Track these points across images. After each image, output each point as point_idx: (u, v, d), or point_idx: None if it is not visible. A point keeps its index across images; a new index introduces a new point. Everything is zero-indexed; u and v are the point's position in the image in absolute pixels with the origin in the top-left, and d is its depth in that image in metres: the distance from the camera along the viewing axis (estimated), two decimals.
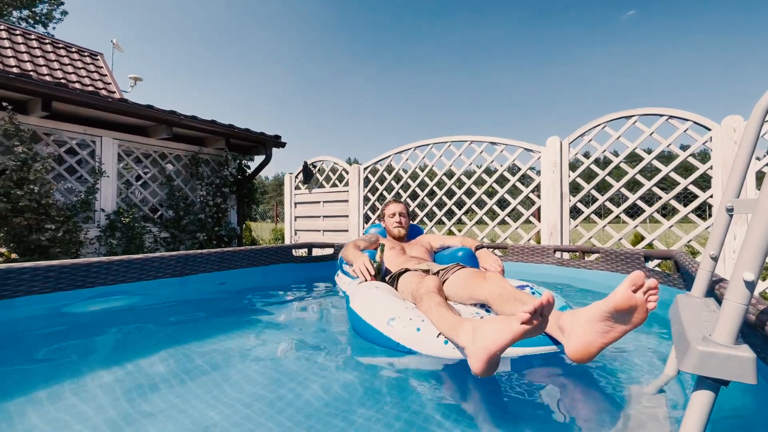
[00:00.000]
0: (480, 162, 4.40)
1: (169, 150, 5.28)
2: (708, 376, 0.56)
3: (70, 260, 1.97)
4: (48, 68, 8.14)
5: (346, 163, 5.53)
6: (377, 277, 2.04)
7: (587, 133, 3.65)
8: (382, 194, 5.10)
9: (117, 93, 8.99)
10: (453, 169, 4.58)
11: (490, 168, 4.30)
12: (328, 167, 5.69)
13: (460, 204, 4.54)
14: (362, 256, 2.09)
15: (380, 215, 3.10)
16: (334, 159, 5.57)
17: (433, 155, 4.64)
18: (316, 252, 3.67)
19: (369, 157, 5.78)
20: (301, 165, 6.07)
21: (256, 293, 2.67)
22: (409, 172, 4.82)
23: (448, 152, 4.56)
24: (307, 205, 5.92)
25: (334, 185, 5.60)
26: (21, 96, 3.69)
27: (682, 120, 3.25)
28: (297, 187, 6.07)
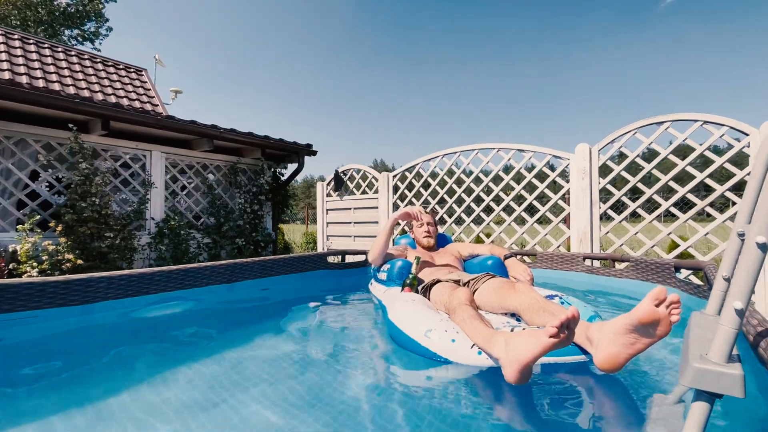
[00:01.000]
0: (508, 168, 4.45)
1: (210, 161, 5.63)
2: (703, 390, 0.66)
3: (138, 270, 2.22)
4: (99, 86, 8.79)
5: (372, 167, 5.69)
6: (413, 288, 2.17)
7: (617, 140, 3.64)
8: (410, 201, 5.23)
9: (160, 106, 9.57)
10: (480, 176, 4.66)
11: (519, 174, 4.34)
12: (358, 175, 5.88)
13: (488, 210, 4.60)
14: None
15: (409, 226, 3.24)
16: (364, 167, 5.75)
17: (461, 162, 4.73)
18: (349, 258, 3.84)
19: (392, 159, 5.91)
20: (331, 171, 6.28)
21: (296, 298, 2.87)
22: (437, 179, 4.92)
23: (475, 159, 4.64)
24: (339, 211, 6.13)
25: (364, 192, 5.78)
26: (84, 117, 4.08)
27: (717, 125, 3.20)
28: (328, 195, 6.29)
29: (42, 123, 4.07)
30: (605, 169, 3.74)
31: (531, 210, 4.31)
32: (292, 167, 6.88)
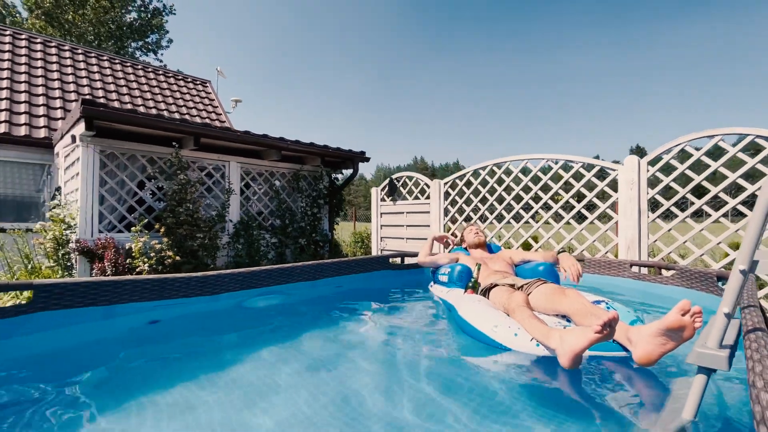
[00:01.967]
0: (556, 178, 4.68)
1: (276, 169, 6.27)
2: (702, 366, 1.00)
3: (252, 268, 2.78)
4: (172, 98, 9.80)
5: (412, 165, 6.08)
6: (475, 290, 2.56)
7: (667, 152, 3.79)
8: (461, 207, 5.57)
9: (223, 116, 10.49)
10: (530, 184, 4.91)
11: (568, 183, 4.56)
12: (410, 182, 6.30)
13: (536, 217, 4.86)
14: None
15: (461, 239, 3.67)
16: (416, 174, 6.16)
17: (510, 171, 5.01)
18: (407, 260, 4.28)
19: (432, 157, 6.24)
20: (372, 169, 6.73)
21: (365, 295, 3.35)
22: (487, 186, 5.23)
23: (524, 168, 4.91)
24: (392, 215, 6.59)
25: (416, 198, 6.19)
26: (180, 135, 4.79)
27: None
28: (382, 199, 6.77)
29: (145, 141, 4.82)
30: (655, 180, 3.90)
31: (579, 217, 4.52)
32: (347, 172, 7.43)
